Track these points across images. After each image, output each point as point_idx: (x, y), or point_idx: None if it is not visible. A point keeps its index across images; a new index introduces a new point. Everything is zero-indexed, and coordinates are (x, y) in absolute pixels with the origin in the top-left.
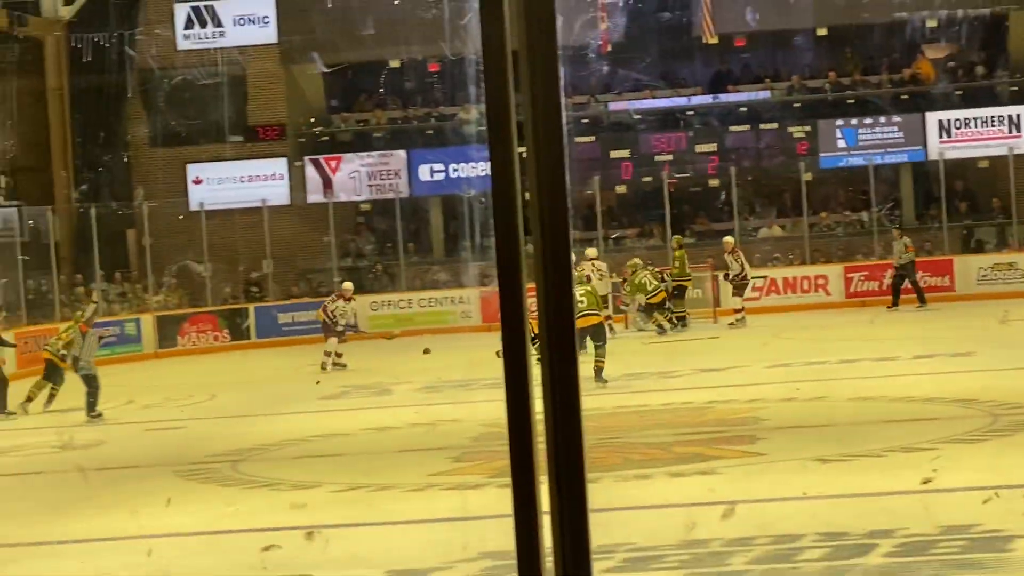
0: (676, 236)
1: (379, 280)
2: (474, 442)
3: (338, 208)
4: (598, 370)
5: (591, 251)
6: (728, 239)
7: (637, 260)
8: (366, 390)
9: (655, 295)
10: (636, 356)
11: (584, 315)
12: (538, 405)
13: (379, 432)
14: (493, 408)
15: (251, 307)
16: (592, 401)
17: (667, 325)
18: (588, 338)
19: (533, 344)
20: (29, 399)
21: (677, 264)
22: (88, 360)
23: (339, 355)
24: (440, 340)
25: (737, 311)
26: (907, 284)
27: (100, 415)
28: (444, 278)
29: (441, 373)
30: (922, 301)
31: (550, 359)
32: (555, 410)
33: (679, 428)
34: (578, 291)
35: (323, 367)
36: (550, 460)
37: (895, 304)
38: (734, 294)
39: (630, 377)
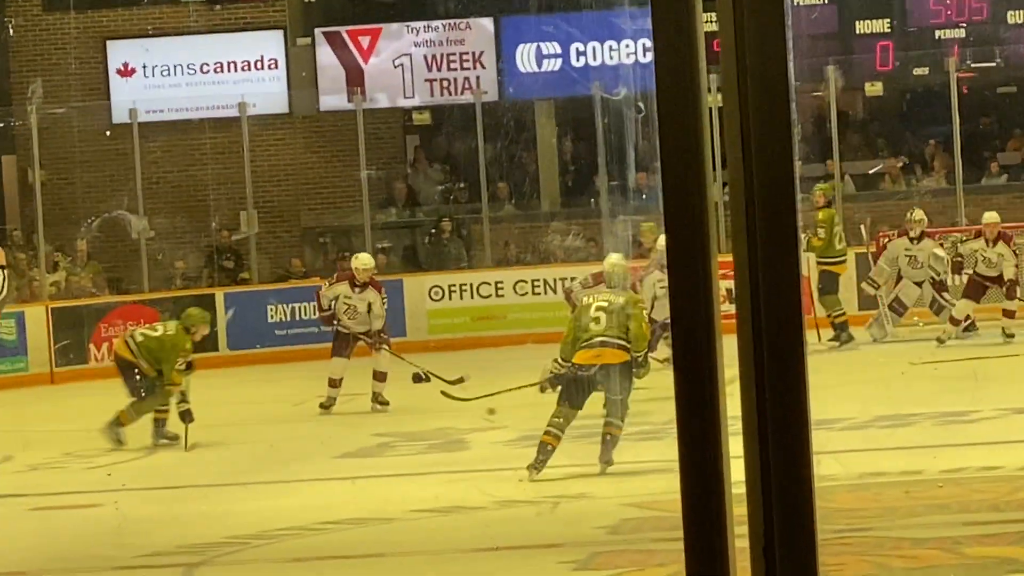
0: (821, 185)
1: (445, 248)
2: (613, 534)
3: (374, 120)
4: (608, 441)
5: None
6: (991, 216)
7: (651, 224)
8: (421, 441)
9: None
10: (897, 384)
11: (597, 342)
12: (733, 469)
13: (444, 516)
14: (646, 475)
15: (220, 293)
16: (822, 466)
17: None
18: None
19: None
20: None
21: (821, 233)
22: None
23: (378, 378)
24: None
25: (1007, 313)
26: None
27: None
28: (562, 244)
29: (551, 412)
30: None
31: (758, 390)
32: (767, 480)
33: (974, 512)
34: (598, 299)
35: (324, 405)
36: (758, 567)
37: None
38: (966, 294)
39: (887, 422)
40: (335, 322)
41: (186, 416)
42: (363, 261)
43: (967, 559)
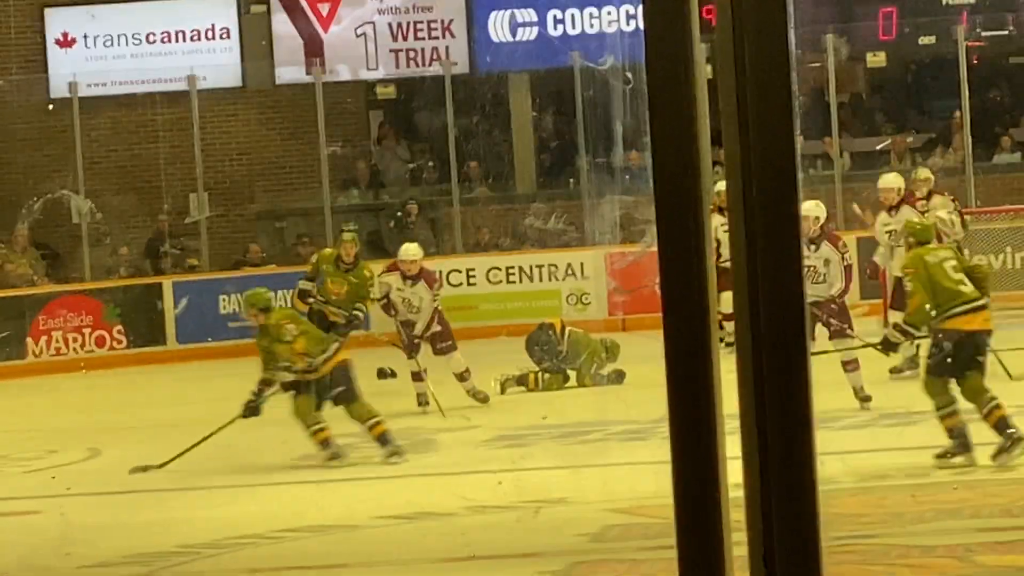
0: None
1: (412, 232)
2: (596, 543)
3: (334, 94)
4: (1005, 427)
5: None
6: (923, 172)
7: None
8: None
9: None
10: (903, 379)
11: (976, 306)
12: (730, 471)
13: (413, 523)
14: (632, 478)
15: (168, 282)
16: (823, 467)
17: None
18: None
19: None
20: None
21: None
22: None
23: (462, 379)
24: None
25: None
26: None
27: None
28: (540, 227)
29: (532, 412)
30: None
31: (757, 385)
32: (766, 482)
33: (987, 518)
34: (941, 255)
35: (421, 403)
36: None
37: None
38: None
39: (892, 420)
40: (393, 313)
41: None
42: (409, 252)
43: (980, 568)
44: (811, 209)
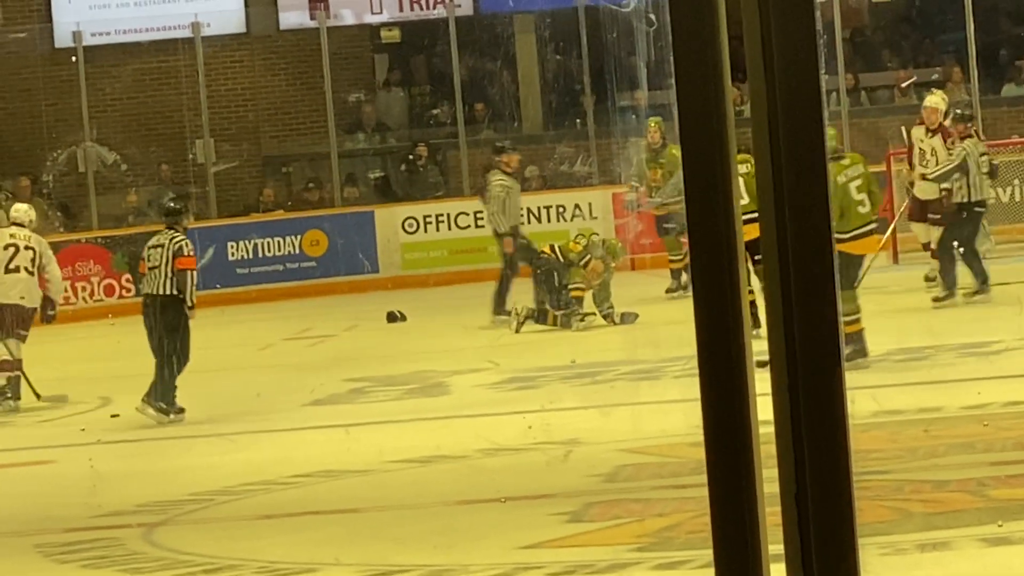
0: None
1: (421, 176)
2: (609, 483)
3: (339, 39)
4: None
5: None
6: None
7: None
8: (397, 386)
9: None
10: (912, 314)
11: None
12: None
13: (425, 467)
14: (643, 418)
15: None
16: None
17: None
18: None
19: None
20: None
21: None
22: None
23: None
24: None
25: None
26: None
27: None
28: (544, 170)
29: (544, 353)
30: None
31: (786, 321)
32: (798, 419)
33: (1000, 452)
34: None
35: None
36: (789, 519)
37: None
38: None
39: (902, 355)
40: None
41: None
42: (16, 212)
43: (993, 502)
44: None
